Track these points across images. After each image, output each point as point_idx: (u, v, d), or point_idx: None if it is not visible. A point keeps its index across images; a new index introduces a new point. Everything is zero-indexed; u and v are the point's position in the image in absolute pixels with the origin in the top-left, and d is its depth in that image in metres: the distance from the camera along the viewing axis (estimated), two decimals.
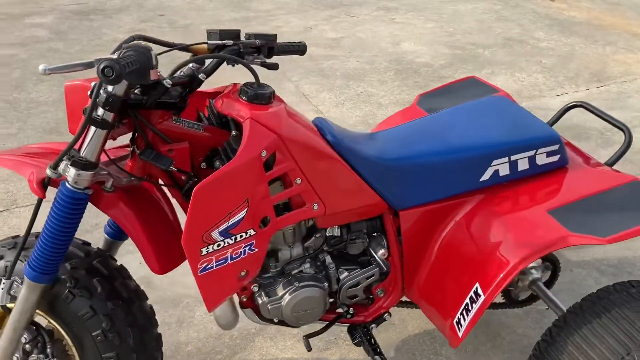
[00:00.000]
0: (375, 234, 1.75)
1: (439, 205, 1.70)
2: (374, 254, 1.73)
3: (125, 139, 1.52)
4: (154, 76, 1.25)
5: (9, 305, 1.52)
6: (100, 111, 1.30)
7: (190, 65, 1.46)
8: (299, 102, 4.19)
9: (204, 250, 1.39)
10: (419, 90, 4.39)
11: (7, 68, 4.68)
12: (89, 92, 1.28)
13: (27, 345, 1.53)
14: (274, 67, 1.61)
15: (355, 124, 3.90)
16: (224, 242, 1.41)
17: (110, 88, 1.28)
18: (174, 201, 1.65)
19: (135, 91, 1.37)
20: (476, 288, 1.55)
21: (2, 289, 1.50)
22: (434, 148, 1.69)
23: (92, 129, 1.32)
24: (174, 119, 1.45)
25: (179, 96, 1.44)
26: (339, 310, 1.82)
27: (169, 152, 1.44)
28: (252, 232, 1.44)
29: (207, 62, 1.50)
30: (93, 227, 2.81)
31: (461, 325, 1.57)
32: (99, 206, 1.46)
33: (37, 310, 1.51)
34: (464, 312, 1.56)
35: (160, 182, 1.53)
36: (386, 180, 1.63)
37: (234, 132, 1.47)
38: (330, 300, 1.75)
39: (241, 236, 1.43)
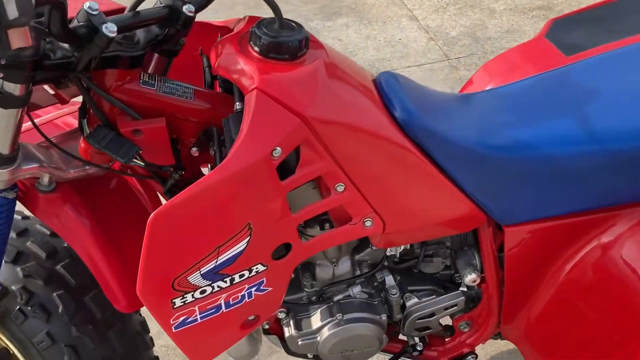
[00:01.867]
0: (464, 248, 1.17)
1: (572, 220, 1.07)
2: (461, 277, 1.16)
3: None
4: (19, 42, 0.67)
5: None
6: None
7: None
8: (389, 5, 3.44)
9: (178, 302, 0.88)
10: None
11: None
12: None
13: None
14: None
15: (459, 36, 3.13)
16: (213, 287, 0.89)
17: None
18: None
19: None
20: None
21: None
22: (575, 129, 1.03)
23: None
24: (142, 80, 0.89)
25: (153, 41, 0.88)
26: (404, 338, 1.29)
27: (135, 135, 0.90)
28: (260, 267, 0.91)
29: None
30: None
31: None
32: (34, 212, 0.97)
33: None
34: None
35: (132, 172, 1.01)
36: (490, 181, 1.01)
37: (237, 106, 0.90)
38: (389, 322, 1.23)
39: (242, 276, 0.90)
